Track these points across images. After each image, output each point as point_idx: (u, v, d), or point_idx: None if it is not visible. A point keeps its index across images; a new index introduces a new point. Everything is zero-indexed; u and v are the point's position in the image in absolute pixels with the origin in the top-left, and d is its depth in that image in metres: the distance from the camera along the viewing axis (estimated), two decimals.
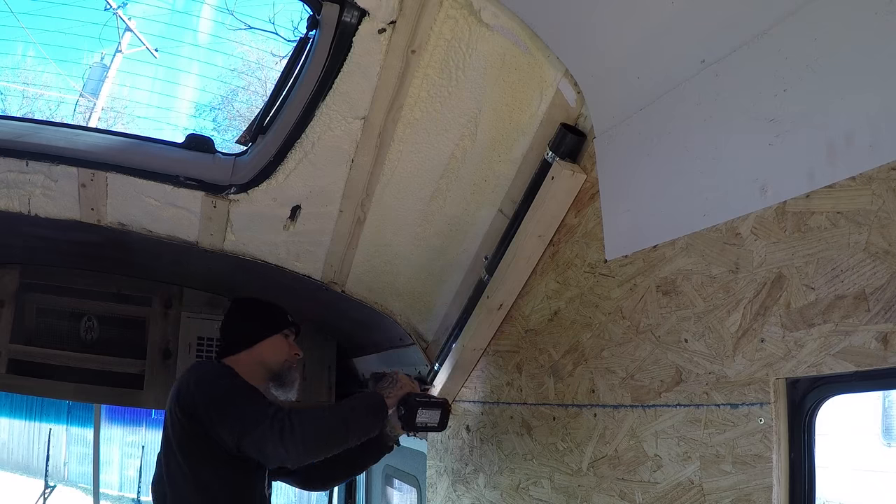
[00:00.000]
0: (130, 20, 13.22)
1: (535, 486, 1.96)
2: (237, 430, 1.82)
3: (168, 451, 1.95)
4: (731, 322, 1.34)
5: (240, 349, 2.14)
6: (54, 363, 3.04)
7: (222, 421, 1.85)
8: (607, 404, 1.68)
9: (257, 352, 2.15)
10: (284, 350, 2.20)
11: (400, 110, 1.89)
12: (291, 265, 2.50)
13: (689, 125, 1.44)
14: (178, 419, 1.90)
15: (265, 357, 2.16)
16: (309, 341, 3.48)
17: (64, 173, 2.20)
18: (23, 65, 13.96)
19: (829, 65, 1.14)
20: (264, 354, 2.16)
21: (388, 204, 2.19)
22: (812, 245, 1.18)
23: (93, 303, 3.16)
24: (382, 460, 2.35)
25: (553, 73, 1.74)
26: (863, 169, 1.09)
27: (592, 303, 1.76)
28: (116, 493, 10.90)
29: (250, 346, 2.14)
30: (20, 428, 11.54)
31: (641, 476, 1.54)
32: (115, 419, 10.87)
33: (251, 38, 13.45)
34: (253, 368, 2.11)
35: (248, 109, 13.39)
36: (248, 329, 2.18)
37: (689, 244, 1.45)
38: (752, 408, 1.27)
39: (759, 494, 1.24)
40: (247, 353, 2.14)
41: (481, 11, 1.65)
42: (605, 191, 1.71)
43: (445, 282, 2.43)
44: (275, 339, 2.19)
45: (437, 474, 2.58)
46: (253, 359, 2.13)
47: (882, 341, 1.05)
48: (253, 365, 2.12)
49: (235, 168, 2.18)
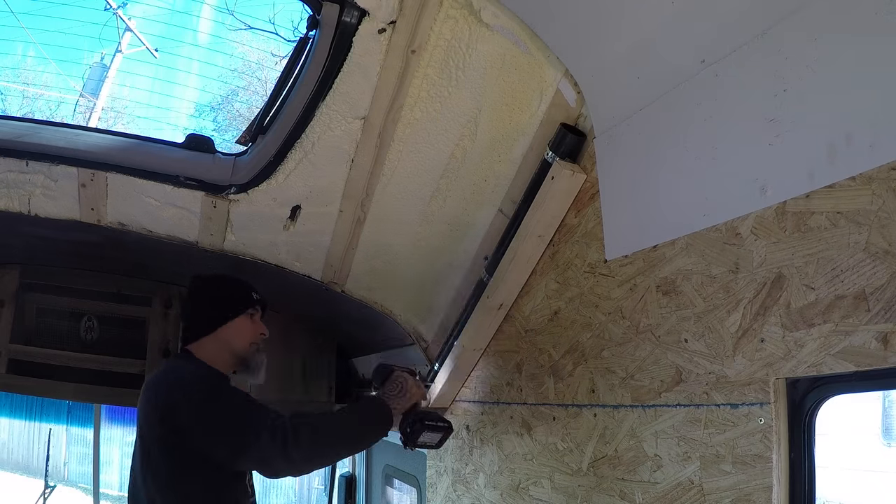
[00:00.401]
0: (130, 20, 13.24)
1: (535, 486, 1.96)
2: (234, 447, 1.71)
3: (145, 460, 1.81)
4: (731, 322, 1.34)
5: (203, 334, 2.01)
6: (54, 363, 3.04)
7: (214, 437, 1.73)
8: (607, 404, 1.68)
9: (222, 336, 2.01)
10: (250, 331, 2.07)
11: (400, 110, 1.89)
12: (291, 265, 2.50)
13: (689, 125, 1.44)
14: (157, 432, 1.78)
15: (230, 341, 2.02)
16: (309, 341, 3.49)
17: (64, 173, 2.20)
18: (23, 65, 13.98)
19: (829, 65, 1.14)
20: (229, 338, 2.02)
21: (387, 204, 2.19)
22: (812, 245, 1.18)
23: (93, 303, 3.16)
24: (382, 460, 2.34)
25: (553, 73, 1.74)
26: (863, 169, 1.09)
27: (592, 303, 1.76)
28: (116, 493, 10.89)
29: (214, 331, 2.01)
30: (20, 428, 11.54)
31: (641, 476, 1.54)
32: (115, 419, 10.86)
33: (251, 38, 13.47)
34: (218, 354, 2.00)
35: (248, 109, 13.40)
36: (211, 312, 2.04)
37: (689, 244, 1.45)
38: (752, 408, 1.27)
39: (758, 494, 1.24)
40: (211, 339, 2.00)
41: (481, 11, 1.65)
42: (605, 191, 1.71)
43: (445, 282, 2.43)
44: (240, 320, 2.05)
45: (437, 474, 2.59)
46: (218, 344, 2.01)
47: (882, 341, 1.05)
48: (218, 351, 2.00)
49: (235, 168, 2.18)
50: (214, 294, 2.08)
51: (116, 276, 3.16)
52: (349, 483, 3.77)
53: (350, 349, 3.52)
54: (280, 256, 2.47)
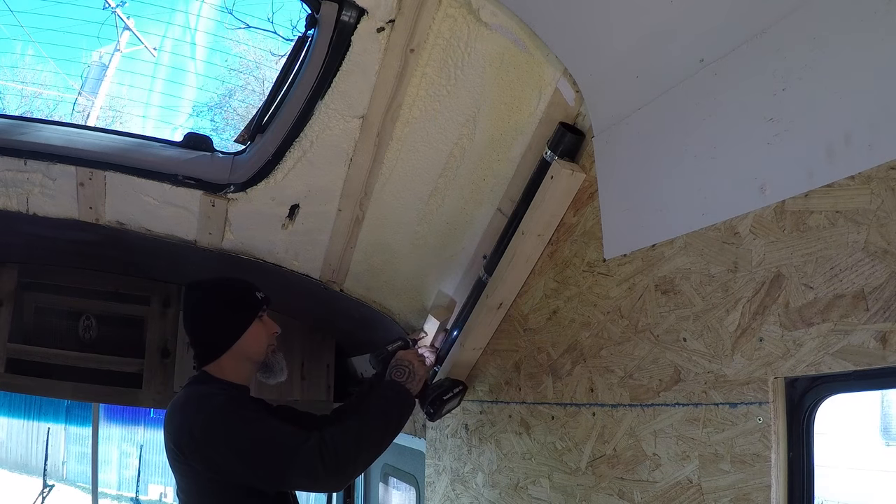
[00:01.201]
0: (129, 19, 13.23)
1: (533, 486, 1.96)
2: (274, 476, 1.66)
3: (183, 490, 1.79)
4: (730, 321, 1.34)
5: (221, 353, 1.90)
6: (53, 362, 3.04)
7: (253, 471, 1.68)
8: (606, 403, 1.68)
9: (239, 350, 1.92)
10: (265, 335, 1.97)
11: (398, 109, 1.88)
12: (290, 264, 2.50)
13: (688, 124, 1.44)
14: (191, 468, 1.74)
15: (248, 351, 1.94)
16: (307, 340, 3.49)
17: (62, 172, 2.20)
18: (21, 63, 13.96)
19: (827, 64, 1.14)
20: (247, 349, 1.93)
21: (386, 203, 2.19)
22: (811, 244, 1.18)
23: (91, 302, 3.15)
24: (381, 459, 2.34)
25: (552, 72, 1.74)
26: (861, 168, 1.08)
27: (591, 302, 1.76)
28: (115, 493, 10.91)
29: (230, 347, 1.91)
30: (18, 427, 11.53)
31: (640, 475, 1.54)
32: (113, 418, 10.87)
33: (250, 37, 13.44)
34: (238, 368, 1.93)
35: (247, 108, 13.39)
36: (224, 328, 1.92)
37: (688, 243, 1.45)
38: (751, 407, 1.27)
39: (757, 493, 1.24)
40: (228, 355, 1.91)
41: (480, 10, 1.65)
42: (603, 190, 1.71)
43: (444, 281, 2.43)
44: (253, 327, 1.94)
45: (436, 473, 2.58)
46: (236, 358, 1.92)
47: (881, 340, 1.05)
48: (238, 364, 1.93)
49: (234, 167, 2.18)
50: (223, 307, 1.94)
51: (115, 275, 3.16)
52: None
53: (348, 348, 3.52)
54: (278, 255, 2.46)
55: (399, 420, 1.86)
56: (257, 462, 1.67)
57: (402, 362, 2.01)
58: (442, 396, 2.16)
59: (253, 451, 1.68)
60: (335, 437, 1.68)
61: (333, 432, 1.69)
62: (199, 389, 1.86)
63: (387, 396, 1.90)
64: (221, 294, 1.97)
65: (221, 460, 1.69)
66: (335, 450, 1.65)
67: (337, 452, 1.65)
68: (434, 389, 2.18)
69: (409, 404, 1.91)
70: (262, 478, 1.68)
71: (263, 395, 2.23)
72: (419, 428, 2.75)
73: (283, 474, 1.66)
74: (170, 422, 1.80)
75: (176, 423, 1.77)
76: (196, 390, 1.86)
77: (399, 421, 1.86)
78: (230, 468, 1.70)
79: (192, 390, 1.87)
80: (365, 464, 1.77)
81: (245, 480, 1.71)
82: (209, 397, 1.80)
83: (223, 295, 1.96)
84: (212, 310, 1.94)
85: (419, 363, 2.03)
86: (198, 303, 1.97)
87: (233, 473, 1.70)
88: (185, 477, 1.79)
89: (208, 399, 1.79)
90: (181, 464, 1.76)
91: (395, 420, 1.85)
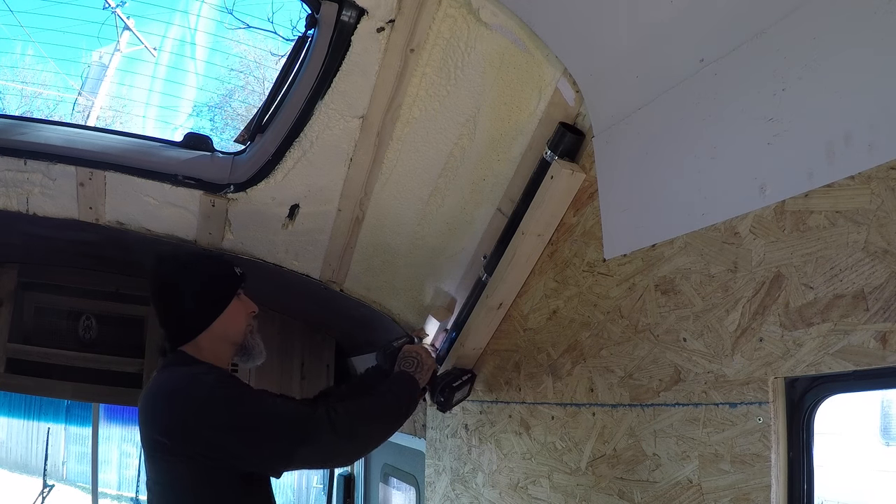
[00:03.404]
0: (129, 19, 13.22)
1: (533, 486, 1.96)
2: (281, 450, 1.57)
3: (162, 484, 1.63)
4: (730, 321, 1.34)
5: (198, 332, 1.77)
6: (53, 362, 3.04)
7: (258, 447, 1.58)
8: (606, 403, 1.68)
9: (218, 329, 1.78)
10: (243, 315, 1.85)
11: (398, 109, 1.88)
12: (290, 264, 2.50)
13: (688, 124, 1.44)
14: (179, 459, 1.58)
15: (227, 331, 1.81)
16: (307, 340, 3.49)
17: (62, 172, 2.20)
18: (21, 63, 13.96)
19: (828, 64, 1.14)
20: (226, 328, 1.80)
21: (386, 203, 2.19)
22: (811, 244, 1.18)
23: (91, 302, 3.16)
24: (381, 459, 2.35)
25: (552, 72, 1.74)
26: (861, 168, 1.08)
27: (591, 302, 1.76)
28: (115, 492, 10.89)
29: (209, 325, 1.77)
30: (18, 427, 11.53)
31: (640, 475, 1.54)
32: (113, 418, 10.85)
33: (250, 37, 13.44)
34: (217, 349, 1.79)
35: (247, 108, 13.39)
36: (202, 305, 1.78)
37: (688, 243, 1.45)
38: (751, 407, 1.27)
39: (757, 493, 1.24)
40: (206, 334, 1.77)
41: (480, 10, 1.65)
42: (603, 190, 1.71)
43: (444, 281, 2.43)
44: (232, 305, 1.82)
45: (436, 473, 2.58)
46: (214, 338, 1.79)
47: (881, 340, 1.05)
48: (216, 345, 1.79)
49: (234, 167, 2.18)
50: (200, 283, 1.80)
51: (115, 275, 3.16)
52: (348, 482, 3.77)
53: (348, 348, 3.52)
54: (278, 255, 2.46)
55: (409, 404, 1.87)
56: (264, 436, 1.58)
57: (411, 354, 2.04)
58: (451, 384, 2.17)
59: (259, 426, 1.58)
60: (348, 407, 1.67)
61: (345, 405, 1.69)
62: (183, 371, 1.70)
63: (398, 381, 1.94)
64: (199, 267, 1.84)
65: (222, 440, 1.57)
66: (347, 418, 1.63)
67: (349, 421, 1.63)
68: (442, 378, 2.19)
69: (419, 391, 1.95)
70: (268, 453, 1.59)
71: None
72: (419, 428, 2.75)
73: (292, 448, 1.57)
74: (150, 410, 1.65)
75: (161, 409, 1.63)
76: (178, 371, 1.70)
77: (409, 405, 1.87)
78: (232, 449, 1.58)
79: (174, 372, 1.70)
80: (375, 440, 1.76)
81: (246, 459, 1.61)
82: (198, 376, 1.66)
83: (201, 267, 1.84)
84: (189, 283, 1.79)
85: (427, 355, 2.06)
86: (173, 275, 1.82)
87: (235, 455, 1.59)
88: (170, 470, 1.62)
89: (197, 378, 1.65)
90: (168, 454, 1.60)
91: (406, 403, 1.86)
